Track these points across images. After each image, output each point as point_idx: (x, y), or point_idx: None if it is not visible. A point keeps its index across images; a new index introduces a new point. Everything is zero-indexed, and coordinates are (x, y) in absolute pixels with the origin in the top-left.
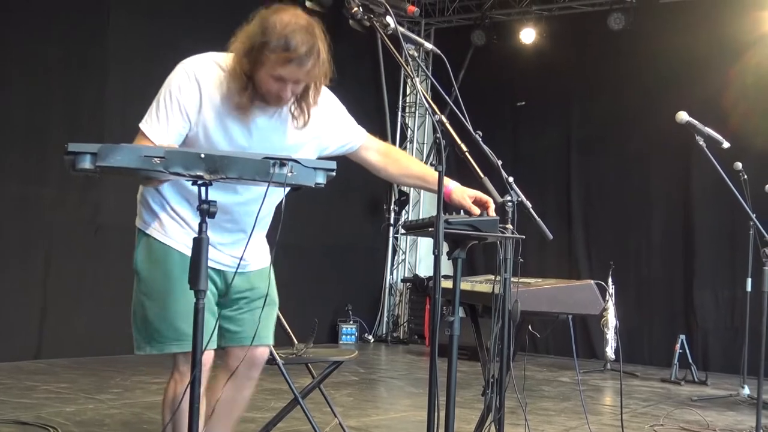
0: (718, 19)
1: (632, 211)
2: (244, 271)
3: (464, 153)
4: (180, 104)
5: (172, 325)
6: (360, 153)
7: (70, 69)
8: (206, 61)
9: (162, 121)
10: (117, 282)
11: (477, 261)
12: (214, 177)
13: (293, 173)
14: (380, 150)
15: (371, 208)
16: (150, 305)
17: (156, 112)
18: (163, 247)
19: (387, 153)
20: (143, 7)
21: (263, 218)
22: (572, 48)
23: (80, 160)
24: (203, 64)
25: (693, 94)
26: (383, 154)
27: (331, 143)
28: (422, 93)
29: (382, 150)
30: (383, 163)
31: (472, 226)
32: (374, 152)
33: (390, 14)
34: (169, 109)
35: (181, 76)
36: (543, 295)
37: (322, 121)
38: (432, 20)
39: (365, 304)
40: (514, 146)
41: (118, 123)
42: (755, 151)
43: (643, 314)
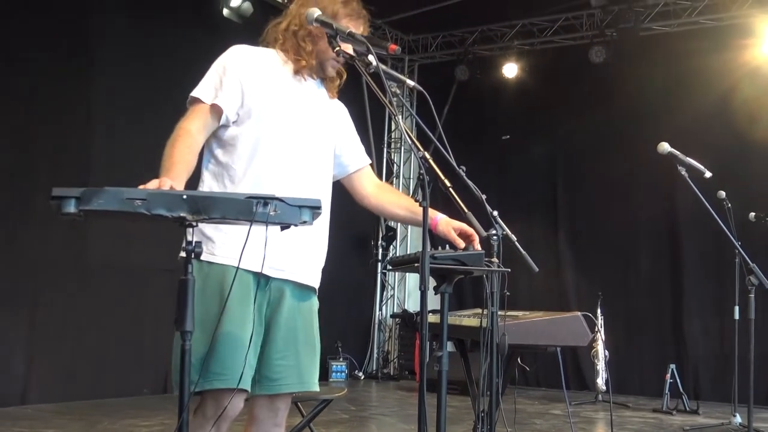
0: (698, 51)
1: (619, 241)
2: (292, 279)
3: (448, 188)
4: (232, 69)
5: (215, 358)
6: (358, 179)
7: (55, 111)
8: (248, 46)
9: (213, 85)
10: (104, 323)
11: (465, 295)
12: (197, 218)
13: (277, 212)
14: (376, 182)
15: (359, 244)
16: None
17: (206, 81)
18: (216, 269)
19: (381, 185)
20: (128, 49)
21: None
22: (555, 81)
23: (65, 205)
24: (248, 46)
25: (675, 124)
26: (378, 186)
27: (345, 141)
28: (405, 130)
29: (377, 182)
30: (377, 192)
31: (457, 261)
32: (370, 182)
33: (372, 53)
34: (221, 74)
35: (230, 50)
36: (530, 327)
37: (343, 114)
38: (415, 56)
39: (355, 341)
40: (500, 180)
41: (103, 164)
42: (738, 179)
43: (633, 344)
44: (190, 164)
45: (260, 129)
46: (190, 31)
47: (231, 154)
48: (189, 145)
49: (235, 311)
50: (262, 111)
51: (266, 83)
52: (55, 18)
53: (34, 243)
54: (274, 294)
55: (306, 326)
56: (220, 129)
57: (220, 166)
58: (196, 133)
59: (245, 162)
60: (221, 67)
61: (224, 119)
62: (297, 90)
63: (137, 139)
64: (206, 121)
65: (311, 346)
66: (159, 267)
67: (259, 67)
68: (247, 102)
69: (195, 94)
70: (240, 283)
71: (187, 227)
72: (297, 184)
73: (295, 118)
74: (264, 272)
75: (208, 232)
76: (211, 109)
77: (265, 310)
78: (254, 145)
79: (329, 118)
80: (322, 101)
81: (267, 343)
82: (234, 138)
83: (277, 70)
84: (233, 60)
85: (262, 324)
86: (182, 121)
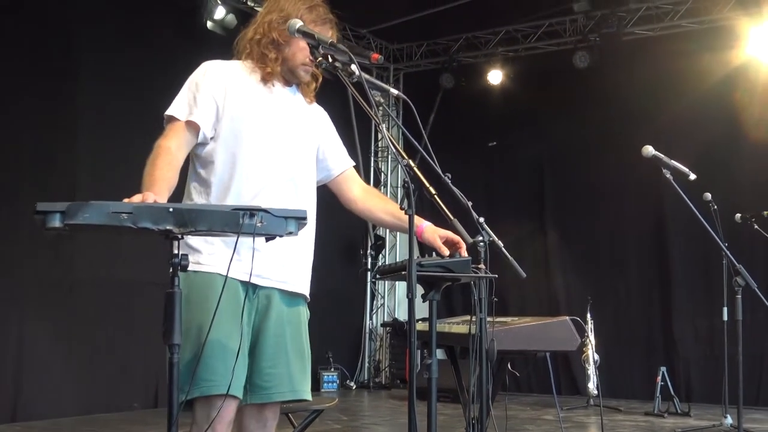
0: (681, 54)
1: (608, 245)
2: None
3: (433, 196)
4: (205, 86)
5: (204, 364)
6: (344, 182)
7: (40, 127)
8: (218, 60)
9: (187, 102)
10: (92, 338)
11: (455, 302)
12: (184, 230)
13: (263, 223)
14: (363, 186)
15: (348, 253)
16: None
17: (180, 99)
18: (204, 277)
19: (369, 189)
20: (113, 63)
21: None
22: (540, 87)
23: (50, 219)
24: (218, 60)
25: (660, 127)
26: (365, 190)
27: (327, 145)
28: (390, 140)
29: (364, 186)
30: (363, 198)
31: (444, 268)
32: (357, 186)
33: (354, 62)
34: (195, 91)
35: (201, 68)
36: (519, 333)
37: (323, 117)
38: (400, 65)
39: (346, 351)
40: (487, 186)
41: (88, 178)
42: (724, 181)
43: (624, 348)
44: (171, 181)
45: (237, 143)
46: (175, 44)
47: (211, 171)
48: (169, 162)
49: (224, 319)
50: (237, 125)
51: (239, 96)
52: (38, 31)
53: (20, 258)
54: (262, 302)
55: (295, 334)
56: (199, 146)
57: (202, 183)
58: (175, 150)
59: (226, 177)
60: (194, 84)
61: (201, 136)
62: (269, 99)
63: (123, 152)
64: (184, 138)
65: (301, 354)
66: (146, 280)
67: (231, 80)
68: (222, 117)
69: (170, 112)
70: (228, 290)
71: (173, 240)
72: (279, 195)
73: (271, 127)
74: (251, 281)
75: (194, 243)
76: (187, 126)
77: (254, 317)
78: (232, 159)
79: (308, 124)
80: (299, 107)
81: (256, 351)
82: (212, 154)
83: (246, 82)
84: (205, 76)
85: (250, 332)
86: (160, 140)
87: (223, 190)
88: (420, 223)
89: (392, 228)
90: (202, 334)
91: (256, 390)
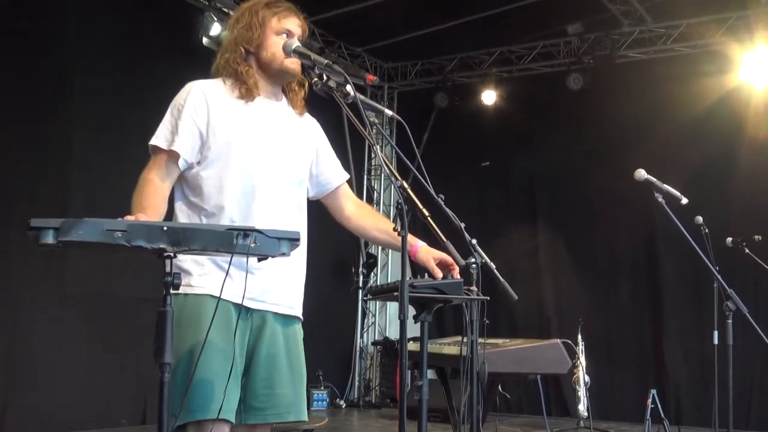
0: (674, 77)
1: (599, 267)
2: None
3: (426, 218)
4: (186, 111)
5: (196, 389)
6: (338, 197)
7: (34, 141)
8: (201, 80)
9: (169, 130)
10: (82, 354)
11: (446, 322)
12: (177, 249)
13: (257, 244)
14: (356, 202)
15: (339, 271)
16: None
17: (163, 126)
18: (195, 299)
19: (362, 205)
20: (108, 78)
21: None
22: (533, 108)
23: (43, 236)
24: (200, 81)
25: (652, 150)
26: (358, 205)
27: (321, 160)
28: (383, 160)
29: (357, 202)
30: (357, 214)
31: (436, 289)
32: (351, 202)
33: (349, 83)
34: (176, 117)
35: (183, 91)
36: (510, 355)
37: (316, 130)
38: (395, 84)
39: (336, 369)
40: (479, 206)
41: (81, 195)
42: (715, 204)
43: (615, 370)
44: (160, 208)
45: (224, 165)
46: (170, 60)
47: (199, 193)
48: (154, 191)
49: (216, 341)
50: (222, 147)
51: (222, 117)
52: (33, 46)
53: (11, 271)
54: (256, 322)
55: (290, 354)
56: (185, 170)
57: (190, 206)
58: (159, 181)
59: (215, 199)
60: (176, 110)
61: (184, 163)
62: (254, 116)
63: (117, 167)
64: (168, 168)
65: (296, 374)
66: (138, 296)
67: (213, 102)
68: (207, 140)
69: (153, 142)
70: (220, 312)
71: (166, 259)
72: (269, 215)
73: (257, 146)
74: (246, 304)
75: (184, 265)
76: (170, 156)
77: (248, 338)
78: (220, 182)
79: (299, 138)
80: (288, 121)
81: (250, 372)
82: (200, 177)
83: (228, 101)
84: (186, 101)
85: (243, 353)
86: (144, 172)
87: (212, 212)
88: (414, 243)
89: (385, 245)
90: (194, 357)
91: (251, 411)
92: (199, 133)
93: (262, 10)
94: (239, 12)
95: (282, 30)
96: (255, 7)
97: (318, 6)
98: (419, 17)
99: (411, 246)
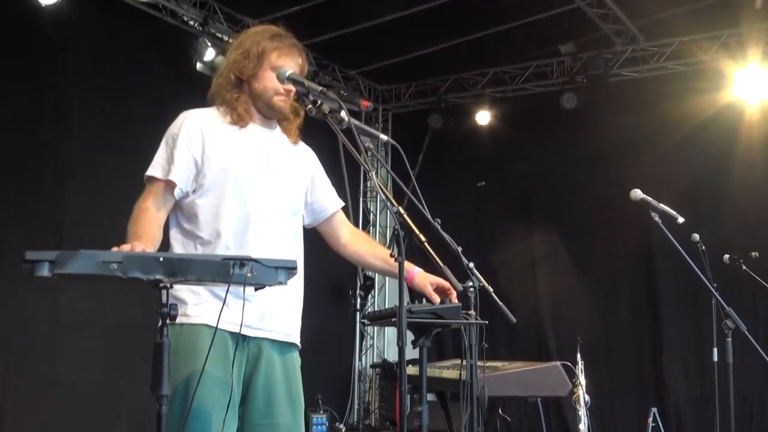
0: (668, 95)
1: (597, 286)
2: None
3: (423, 243)
4: (181, 140)
5: (193, 422)
6: (334, 225)
7: (28, 170)
8: (195, 109)
9: (165, 160)
10: (77, 383)
11: (445, 345)
12: (173, 280)
13: (253, 273)
14: (352, 229)
15: (336, 293)
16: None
17: (158, 156)
18: (191, 329)
19: (357, 233)
20: (102, 105)
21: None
22: (528, 128)
23: (38, 268)
24: (194, 110)
25: (648, 169)
26: (354, 233)
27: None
28: (379, 186)
29: (353, 230)
30: (353, 241)
31: (435, 314)
32: (347, 229)
33: (344, 109)
34: (172, 147)
35: (177, 121)
36: (510, 379)
37: (310, 158)
38: (389, 106)
39: (335, 392)
40: (476, 227)
41: (76, 224)
42: (712, 221)
43: (615, 388)
44: (155, 236)
45: (219, 193)
46: (164, 85)
47: (195, 222)
48: (149, 219)
49: (213, 372)
50: (217, 175)
51: (217, 146)
52: (26, 73)
53: (5, 300)
54: (252, 351)
55: (287, 382)
56: (181, 200)
57: (186, 235)
58: (155, 210)
59: (210, 226)
60: (170, 140)
61: (180, 192)
62: (248, 144)
63: (112, 196)
64: (163, 197)
65: (294, 403)
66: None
67: (207, 130)
68: (202, 169)
69: (149, 172)
70: (217, 341)
71: (162, 289)
72: (265, 244)
73: (252, 174)
74: (243, 332)
75: (180, 294)
76: (165, 186)
77: (245, 368)
78: (216, 210)
79: (293, 167)
80: (282, 149)
81: (247, 402)
82: (195, 205)
83: (222, 130)
84: (181, 130)
85: (240, 382)
86: (139, 202)
87: (207, 240)
88: (411, 269)
89: (382, 272)
90: (191, 388)
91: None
92: (194, 161)
93: (264, 42)
94: (243, 36)
95: (279, 67)
96: (258, 37)
97: (312, 29)
98: (413, 39)
99: (407, 272)
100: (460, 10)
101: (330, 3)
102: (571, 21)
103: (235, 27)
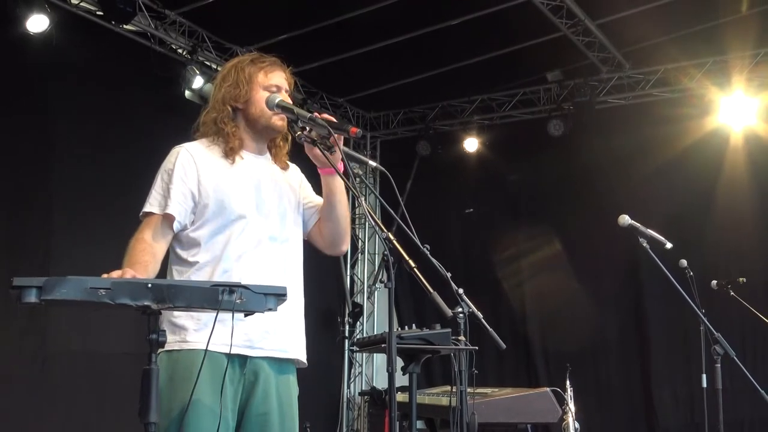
0: (653, 122)
1: (586, 312)
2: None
3: (412, 269)
4: (177, 174)
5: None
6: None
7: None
8: (186, 143)
9: (161, 195)
10: (66, 413)
11: (434, 371)
12: (162, 306)
13: (243, 299)
14: None
15: (325, 321)
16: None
17: (154, 192)
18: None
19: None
20: (89, 135)
21: (296, 281)
22: (515, 154)
23: (26, 295)
24: (185, 144)
25: (634, 194)
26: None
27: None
28: (368, 212)
29: None
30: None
31: (424, 340)
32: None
33: (333, 136)
34: (167, 182)
35: (171, 156)
36: (500, 405)
37: (298, 179)
38: (378, 133)
39: (324, 421)
40: (465, 254)
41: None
42: (699, 247)
43: (604, 415)
44: (148, 264)
45: (217, 223)
46: (152, 113)
47: (194, 253)
48: (143, 249)
49: (207, 399)
50: (214, 206)
51: (212, 178)
52: (14, 100)
53: None
54: (249, 378)
55: (282, 412)
56: (179, 232)
57: (184, 265)
58: (151, 240)
59: (209, 257)
60: (165, 175)
61: (178, 225)
62: (242, 174)
63: (100, 223)
64: (160, 230)
65: (287, 430)
66: (121, 351)
67: (201, 163)
68: (199, 202)
69: (146, 209)
70: (211, 367)
71: (151, 315)
72: (264, 270)
73: (249, 204)
74: (242, 352)
75: (179, 321)
76: (163, 219)
77: (240, 394)
78: (214, 240)
79: (283, 194)
80: (275, 177)
81: (241, 430)
82: (193, 238)
83: (216, 162)
84: (175, 164)
85: (236, 408)
86: (135, 234)
87: (206, 271)
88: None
89: (334, 213)
90: (184, 415)
91: None
92: (191, 194)
93: (248, 67)
94: (225, 70)
95: (269, 85)
96: (240, 65)
97: (300, 57)
98: (400, 67)
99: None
100: (447, 38)
101: (318, 31)
102: (557, 49)
103: (224, 55)
